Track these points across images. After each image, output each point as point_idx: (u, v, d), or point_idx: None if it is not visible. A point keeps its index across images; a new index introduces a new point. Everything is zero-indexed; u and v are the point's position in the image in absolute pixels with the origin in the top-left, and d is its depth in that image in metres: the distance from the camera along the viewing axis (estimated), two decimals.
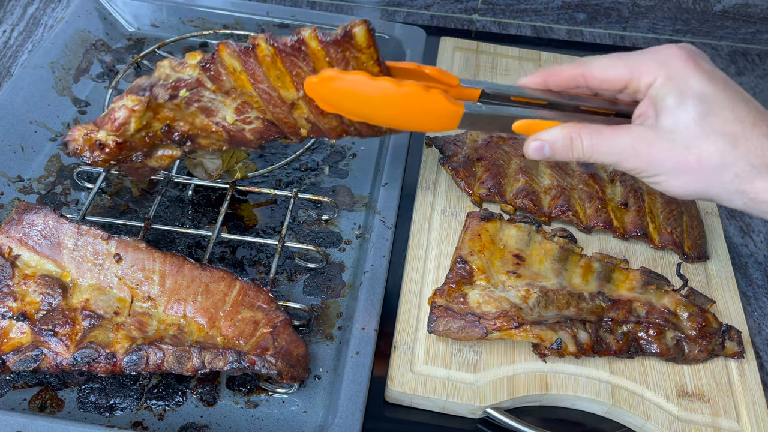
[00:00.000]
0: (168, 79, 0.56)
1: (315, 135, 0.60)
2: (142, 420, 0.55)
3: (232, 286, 0.58)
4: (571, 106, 0.57)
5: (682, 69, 0.51)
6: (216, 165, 0.68)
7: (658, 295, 0.62)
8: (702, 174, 0.50)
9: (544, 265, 0.62)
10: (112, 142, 0.56)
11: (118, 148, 0.57)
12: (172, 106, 0.56)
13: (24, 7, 0.95)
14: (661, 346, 0.60)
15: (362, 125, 0.59)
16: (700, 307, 0.62)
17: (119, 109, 0.55)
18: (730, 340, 0.61)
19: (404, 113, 0.56)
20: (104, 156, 0.57)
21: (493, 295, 0.59)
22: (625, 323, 0.60)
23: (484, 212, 0.65)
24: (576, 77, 0.56)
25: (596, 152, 0.53)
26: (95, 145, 0.56)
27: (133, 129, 0.56)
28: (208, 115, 0.57)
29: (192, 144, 0.59)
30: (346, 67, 0.53)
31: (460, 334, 0.58)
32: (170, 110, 0.56)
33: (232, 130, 0.58)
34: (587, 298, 0.61)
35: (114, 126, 0.55)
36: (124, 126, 0.55)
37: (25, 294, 0.56)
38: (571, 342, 0.58)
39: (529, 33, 1.03)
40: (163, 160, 0.60)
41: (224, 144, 0.60)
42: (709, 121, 0.49)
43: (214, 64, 0.54)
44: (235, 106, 0.56)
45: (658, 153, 0.51)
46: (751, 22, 1.01)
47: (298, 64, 0.53)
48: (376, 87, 0.54)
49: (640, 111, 0.53)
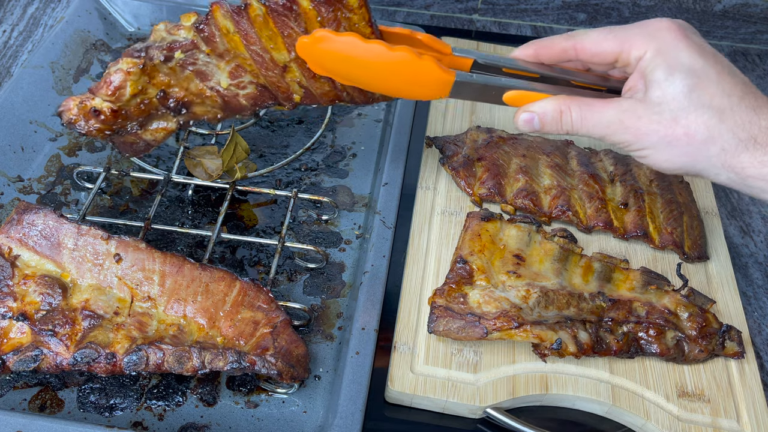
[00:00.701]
0: (163, 42, 0.56)
1: (308, 101, 0.59)
2: (142, 420, 0.55)
3: (232, 286, 0.58)
4: (563, 80, 0.57)
5: (671, 42, 0.51)
6: (216, 165, 0.68)
7: (658, 295, 0.62)
8: (689, 147, 0.50)
9: (544, 265, 0.62)
10: (108, 109, 0.56)
11: (113, 115, 0.56)
12: (167, 70, 0.56)
13: (24, 7, 0.95)
14: (661, 346, 0.60)
15: (354, 90, 0.59)
16: (701, 307, 0.62)
17: (115, 72, 0.55)
18: (731, 340, 0.61)
19: (395, 78, 0.55)
20: (99, 124, 0.56)
21: (493, 295, 0.59)
22: (625, 323, 0.60)
23: (484, 212, 0.65)
24: (567, 50, 0.56)
25: (585, 125, 0.53)
26: (90, 113, 0.56)
27: (129, 93, 0.55)
28: (202, 80, 0.57)
29: (187, 113, 0.59)
30: (338, 28, 0.53)
31: (461, 334, 0.58)
32: (165, 75, 0.56)
33: (226, 95, 0.58)
34: (587, 298, 0.61)
35: (110, 90, 0.55)
36: (119, 90, 0.55)
37: (25, 294, 0.56)
38: (571, 342, 0.57)
39: (529, 33, 1.03)
40: (158, 133, 0.59)
41: (219, 111, 0.59)
42: (697, 95, 0.49)
43: (207, 25, 0.54)
44: (229, 69, 0.56)
45: (646, 126, 0.51)
46: (751, 22, 1.01)
47: (290, 24, 0.53)
48: (367, 50, 0.53)
49: (629, 84, 0.53)
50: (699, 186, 0.76)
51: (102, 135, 0.58)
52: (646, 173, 0.73)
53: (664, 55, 0.51)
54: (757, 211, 0.80)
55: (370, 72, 0.55)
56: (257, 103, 0.59)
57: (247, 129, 0.79)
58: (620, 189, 0.71)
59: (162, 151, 0.76)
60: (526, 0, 1.01)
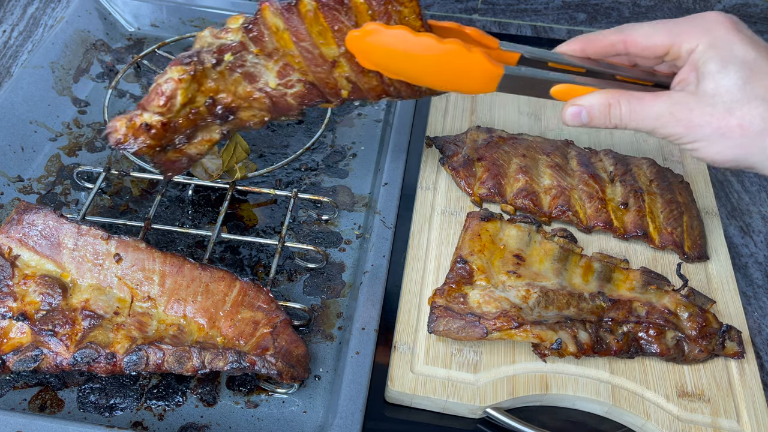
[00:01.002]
0: (212, 46, 0.56)
1: (355, 96, 0.60)
2: (142, 420, 0.55)
3: (232, 286, 0.58)
4: (609, 75, 0.57)
5: (724, 35, 0.51)
6: (216, 165, 0.68)
7: (658, 295, 0.62)
8: (743, 139, 0.50)
9: (544, 265, 0.62)
10: (158, 123, 0.55)
11: (163, 128, 0.56)
12: (215, 75, 0.56)
13: (24, 7, 0.95)
14: (661, 346, 0.60)
15: (402, 84, 0.59)
16: (701, 307, 0.62)
17: (165, 82, 0.55)
18: (731, 340, 0.61)
19: (445, 72, 0.55)
20: (149, 140, 0.56)
21: (493, 295, 0.59)
22: (625, 323, 0.60)
23: (484, 212, 0.65)
24: (616, 44, 0.55)
25: (634, 118, 0.53)
26: (140, 129, 0.55)
27: (180, 103, 0.55)
28: (251, 81, 0.57)
29: (234, 119, 0.59)
30: (388, 22, 0.53)
31: (461, 334, 0.58)
32: (213, 81, 0.56)
33: (274, 95, 0.58)
34: (587, 298, 0.61)
35: (161, 100, 0.55)
36: (171, 100, 0.55)
37: (25, 294, 0.56)
38: (571, 342, 0.57)
39: (529, 33, 1.03)
40: (202, 145, 0.60)
41: (266, 114, 0.60)
42: (751, 87, 0.49)
43: (256, 24, 0.55)
44: (277, 69, 0.57)
45: (698, 118, 0.50)
46: (751, 22, 1.01)
47: (341, 19, 0.53)
48: (418, 43, 0.53)
49: (680, 77, 0.53)
50: (699, 186, 0.76)
51: (152, 152, 0.57)
52: (645, 173, 0.73)
53: (717, 48, 0.50)
54: (757, 211, 0.80)
55: (419, 65, 0.55)
56: (305, 102, 0.59)
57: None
58: (620, 189, 0.71)
59: None
60: (526, 0, 1.01)
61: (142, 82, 0.84)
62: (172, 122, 0.56)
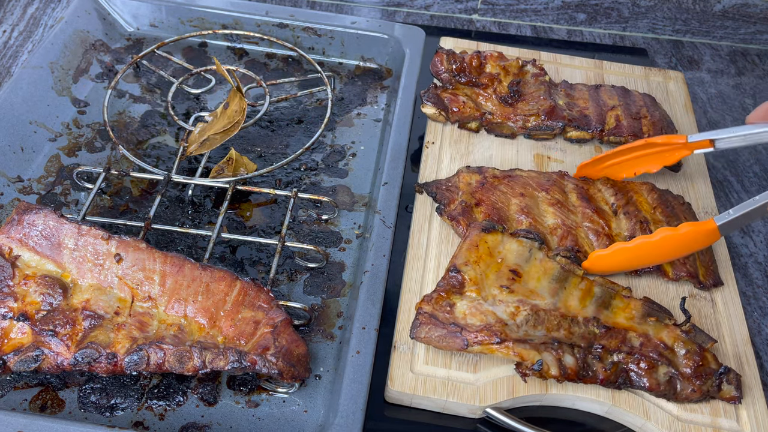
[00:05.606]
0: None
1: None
2: (143, 420, 0.55)
3: (233, 285, 0.58)
4: None
5: None
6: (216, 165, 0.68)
7: (656, 328, 0.60)
8: None
9: (540, 284, 0.61)
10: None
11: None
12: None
13: (24, 7, 0.95)
14: (651, 381, 0.57)
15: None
16: (700, 345, 0.59)
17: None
18: (728, 383, 0.58)
19: (665, 253, 0.63)
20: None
21: (481, 307, 0.58)
22: (616, 352, 0.58)
23: (486, 223, 0.64)
24: None
25: None
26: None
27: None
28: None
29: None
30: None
31: (441, 344, 0.57)
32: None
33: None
34: (580, 322, 0.59)
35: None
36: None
37: (25, 294, 0.56)
38: (554, 365, 0.56)
39: (529, 33, 1.03)
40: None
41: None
42: None
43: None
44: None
45: None
46: (751, 22, 1.01)
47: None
48: (632, 248, 0.62)
49: None
50: (699, 186, 0.76)
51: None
52: (647, 200, 0.70)
53: None
54: None
55: (640, 259, 0.64)
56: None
57: (247, 129, 0.79)
58: (625, 222, 0.69)
59: (162, 151, 0.76)
60: (526, 0, 1.01)
61: (142, 82, 0.84)
62: None
